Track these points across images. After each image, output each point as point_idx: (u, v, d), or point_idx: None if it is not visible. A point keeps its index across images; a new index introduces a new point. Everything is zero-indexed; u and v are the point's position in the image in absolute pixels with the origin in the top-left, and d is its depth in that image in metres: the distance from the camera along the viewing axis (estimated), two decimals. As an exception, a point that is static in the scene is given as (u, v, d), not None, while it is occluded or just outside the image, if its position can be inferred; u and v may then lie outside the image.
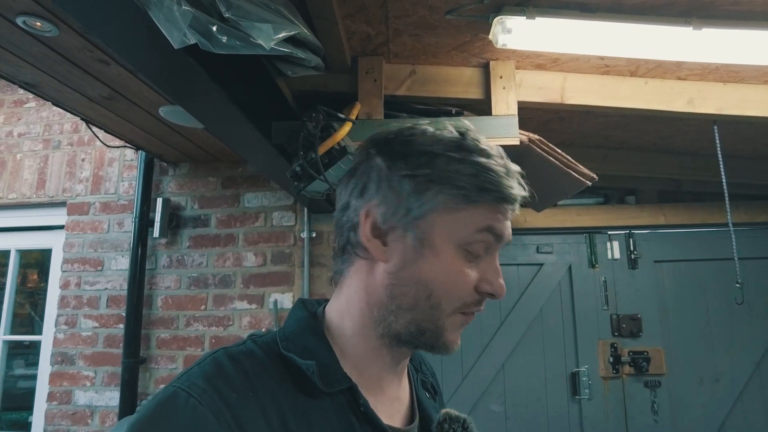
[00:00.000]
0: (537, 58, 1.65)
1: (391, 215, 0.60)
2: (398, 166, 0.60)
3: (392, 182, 0.60)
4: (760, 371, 2.60)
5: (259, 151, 1.51)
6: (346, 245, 0.65)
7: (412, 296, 0.60)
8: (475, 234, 0.59)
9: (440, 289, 0.59)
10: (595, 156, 2.47)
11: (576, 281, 2.74)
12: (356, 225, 0.62)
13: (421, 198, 0.59)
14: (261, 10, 0.99)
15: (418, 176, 0.59)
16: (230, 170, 2.68)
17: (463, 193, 0.58)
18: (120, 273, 2.63)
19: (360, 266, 0.64)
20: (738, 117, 1.74)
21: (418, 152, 0.60)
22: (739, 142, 2.23)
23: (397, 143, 0.63)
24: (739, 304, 1.98)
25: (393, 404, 0.68)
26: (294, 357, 0.59)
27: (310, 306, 0.69)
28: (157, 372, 2.52)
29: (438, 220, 0.59)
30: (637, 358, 2.58)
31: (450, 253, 0.59)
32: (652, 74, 1.69)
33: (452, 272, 0.59)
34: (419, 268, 0.59)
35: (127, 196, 2.70)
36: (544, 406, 2.63)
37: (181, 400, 0.51)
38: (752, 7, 1.33)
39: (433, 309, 0.60)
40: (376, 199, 0.61)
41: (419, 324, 0.60)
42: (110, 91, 1.76)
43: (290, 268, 2.57)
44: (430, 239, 0.59)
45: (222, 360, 0.57)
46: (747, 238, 2.62)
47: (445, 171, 0.58)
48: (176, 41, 0.81)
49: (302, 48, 1.12)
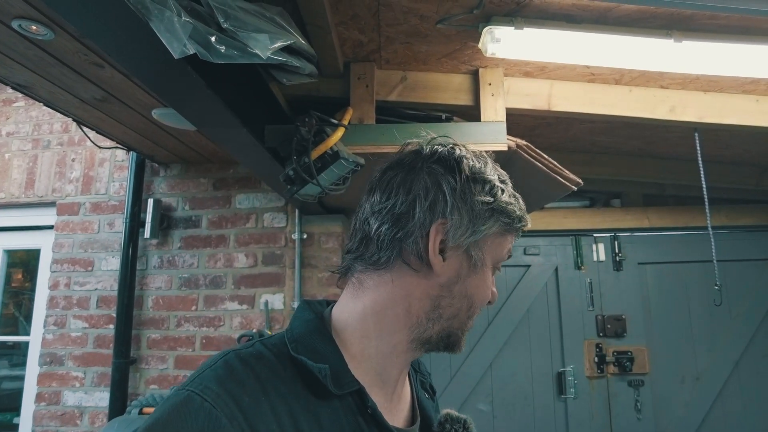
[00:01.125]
0: (525, 66, 1.70)
1: (460, 235, 0.64)
2: (469, 189, 0.65)
3: (465, 204, 0.64)
4: (739, 370, 2.68)
5: (252, 154, 1.53)
6: (396, 253, 0.64)
7: (457, 307, 0.66)
8: (503, 257, 0.69)
9: (479, 301, 0.67)
10: (581, 160, 2.53)
11: (562, 282, 2.80)
12: (420, 238, 0.63)
13: (486, 223, 0.65)
14: (257, 19, 1.01)
15: (486, 203, 0.65)
16: (222, 171, 2.69)
17: (509, 223, 0.67)
18: (110, 273, 2.63)
19: (405, 274, 0.64)
20: (717, 125, 1.80)
21: (483, 180, 0.66)
22: (719, 149, 2.30)
23: (466, 166, 0.66)
24: (717, 306, 2.04)
25: (397, 405, 0.71)
26: (305, 360, 0.60)
27: (315, 307, 0.70)
28: (147, 372, 2.53)
29: (488, 244, 0.66)
30: (622, 358, 2.64)
31: (489, 272, 0.68)
32: (636, 83, 1.74)
33: (488, 287, 0.68)
34: (468, 284, 0.65)
35: (118, 196, 2.70)
36: (530, 405, 2.68)
37: (195, 404, 0.52)
38: (729, 22, 1.39)
39: (468, 318, 0.67)
40: (449, 218, 0.63)
41: (451, 329, 0.67)
42: (103, 93, 1.77)
43: (281, 269, 2.59)
44: (481, 260, 0.66)
45: (233, 363, 0.57)
46: (727, 240, 2.69)
47: (503, 202, 0.66)
48: (176, 52, 0.83)
49: (297, 56, 1.15)
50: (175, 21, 0.82)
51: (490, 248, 0.66)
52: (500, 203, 0.65)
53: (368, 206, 0.67)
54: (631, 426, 2.61)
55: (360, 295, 0.66)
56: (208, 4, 0.93)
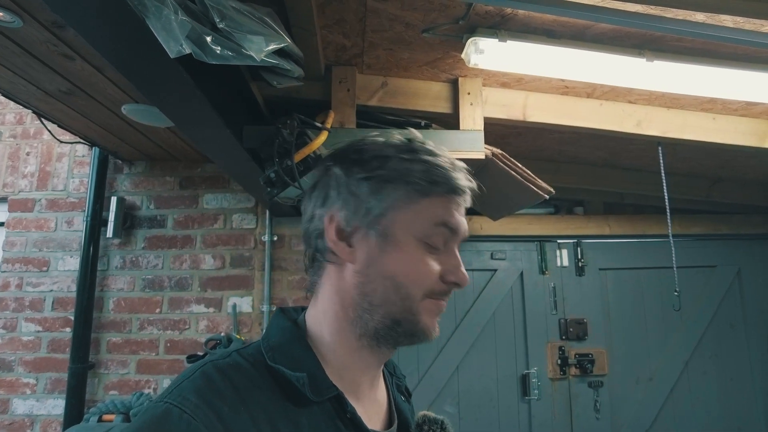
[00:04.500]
0: (502, 77, 1.74)
1: (353, 217, 0.63)
2: (354, 171, 0.64)
3: (350, 186, 0.64)
4: (688, 370, 2.84)
5: (231, 155, 1.50)
6: (315, 254, 0.68)
7: (382, 291, 0.62)
8: (433, 227, 0.63)
9: (406, 280, 0.62)
10: (548, 169, 2.61)
11: (527, 287, 2.88)
12: (322, 231, 0.65)
13: (379, 196, 0.63)
14: (249, 20, 1.00)
15: (374, 177, 0.63)
16: (189, 170, 2.62)
17: (416, 188, 0.63)
18: (68, 274, 2.51)
19: (330, 271, 0.66)
20: (678, 140, 1.91)
21: (372, 157, 0.65)
22: (676, 161, 2.43)
23: (351, 152, 0.67)
24: (676, 311, 2.16)
25: (373, 407, 0.71)
26: (283, 369, 0.60)
27: (291, 314, 0.71)
28: (107, 377, 2.43)
29: (397, 216, 0.63)
30: (583, 360, 2.74)
31: (411, 245, 0.63)
32: (607, 97, 1.82)
33: (415, 262, 0.63)
34: (385, 263, 0.62)
35: (78, 193, 2.58)
36: (495, 406, 2.74)
37: (175, 416, 0.51)
38: (693, 45, 1.48)
39: (404, 300, 0.62)
40: (337, 204, 0.64)
41: (394, 316, 0.63)
42: (70, 86, 1.70)
43: (250, 272, 2.54)
44: (391, 234, 0.62)
45: (211, 374, 0.57)
46: (679, 248, 2.82)
47: (398, 170, 0.63)
48: (173, 51, 0.81)
49: (287, 59, 1.14)
50: (172, 19, 0.80)
51: (402, 221, 0.62)
52: (393, 172, 0.63)
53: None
54: (590, 425, 2.72)
55: (315, 300, 0.69)
56: (203, 2, 0.91)
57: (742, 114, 1.92)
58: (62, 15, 0.76)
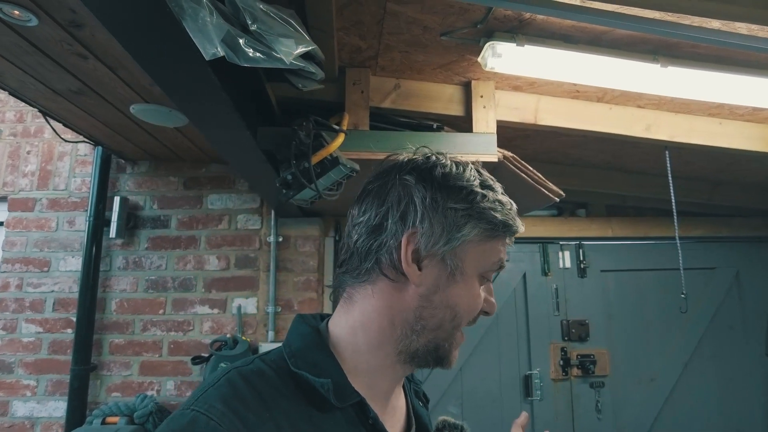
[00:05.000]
0: (515, 81, 1.75)
1: (433, 244, 0.63)
2: (441, 197, 0.64)
3: (436, 213, 0.63)
4: (688, 371, 2.87)
5: (246, 156, 1.49)
6: (373, 265, 0.65)
7: (440, 318, 0.64)
8: (492, 265, 0.67)
9: (463, 312, 0.65)
10: (552, 171, 2.62)
11: (530, 288, 2.89)
12: (393, 248, 0.64)
13: (461, 230, 0.64)
14: (277, 23, 0.99)
15: (459, 210, 0.64)
16: (193, 170, 2.60)
17: (492, 228, 0.65)
18: (69, 274, 2.47)
19: (385, 286, 0.65)
20: (685, 144, 1.93)
21: (457, 186, 0.65)
22: (679, 165, 2.46)
23: (435, 173, 0.66)
24: (683, 313, 2.18)
25: (394, 414, 0.72)
26: (307, 375, 0.61)
27: (311, 321, 0.70)
28: (109, 379, 2.40)
29: (470, 251, 0.65)
30: (585, 361, 2.77)
31: (474, 280, 0.66)
32: (617, 101, 1.84)
33: (475, 296, 0.66)
34: (450, 293, 0.64)
35: (80, 193, 2.55)
36: (498, 407, 2.75)
37: (201, 424, 0.52)
38: (707, 51, 1.50)
39: (454, 329, 0.65)
40: (420, 227, 0.63)
41: (438, 342, 0.65)
42: (80, 85, 1.67)
43: (255, 273, 2.53)
44: (462, 267, 0.64)
45: (236, 381, 0.58)
46: (681, 250, 2.87)
47: (481, 209, 0.64)
48: (208, 53, 0.80)
49: (311, 62, 1.13)
50: (208, 21, 0.79)
51: (473, 256, 0.65)
52: (477, 209, 0.64)
53: (350, 219, 0.69)
54: (592, 426, 2.74)
55: (350, 309, 0.68)
56: (234, 4, 0.91)
57: (747, 119, 1.94)
58: (98, 16, 0.75)
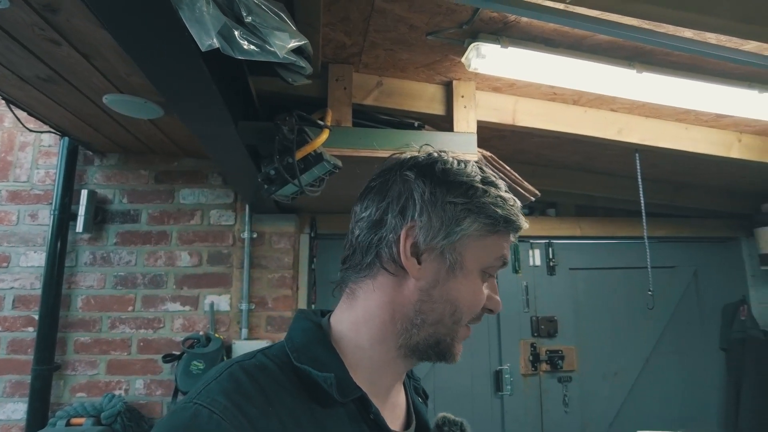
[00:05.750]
0: (495, 82, 1.78)
1: (432, 238, 0.64)
2: (441, 192, 0.65)
3: (436, 207, 0.64)
4: (649, 365, 3.00)
5: (229, 151, 1.46)
6: (374, 259, 0.66)
7: (440, 312, 0.65)
8: (494, 261, 0.67)
9: (464, 307, 0.66)
10: (525, 172, 2.66)
11: (501, 285, 2.89)
12: (393, 242, 0.65)
13: (461, 225, 0.64)
14: (269, 16, 0.98)
15: (459, 204, 0.64)
16: (165, 164, 2.53)
17: (493, 223, 0.65)
18: (31, 270, 2.37)
19: (385, 281, 0.66)
20: (654, 147, 2.02)
21: (459, 182, 0.66)
22: (646, 168, 2.55)
23: (436, 168, 0.67)
24: (650, 309, 2.28)
25: (394, 410, 0.72)
26: (309, 369, 0.61)
27: (312, 317, 0.71)
28: (74, 379, 2.31)
29: (470, 246, 0.65)
30: (553, 356, 2.85)
31: (475, 275, 0.66)
32: (591, 104, 1.90)
33: (476, 292, 0.66)
34: (450, 287, 0.65)
35: (43, 185, 2.44)
36: (470, 402, 2.80)
37: (204, 418, 0.51)
38: (679, 59, 1.57)
39: (454, 324, 0.66)
40: (418, 220, 0.64)
41: (438, 337, 0.66)
42: (51, 73, 1.60)
43: (228, 270, 2.49)
44: (462, 262, 0.65)
45: (239, 375, 0.57)
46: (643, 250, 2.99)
47: (480, 202, 0.65)
48: (204, 44, 0.78)
49: (301, 56, 1.12)
50: (204, 12, 0.78)
51: (473, 251, 0.65)
52: (477, 203, 0.65)
53: (353, 216, 0.70)
54: (559, 419, 2.83)
55: (353, 304, 0.68)
56: (228, -5, 0.89)
57: (711, 125, 2.04)
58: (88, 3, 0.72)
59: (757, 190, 2.89)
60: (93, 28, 1.29)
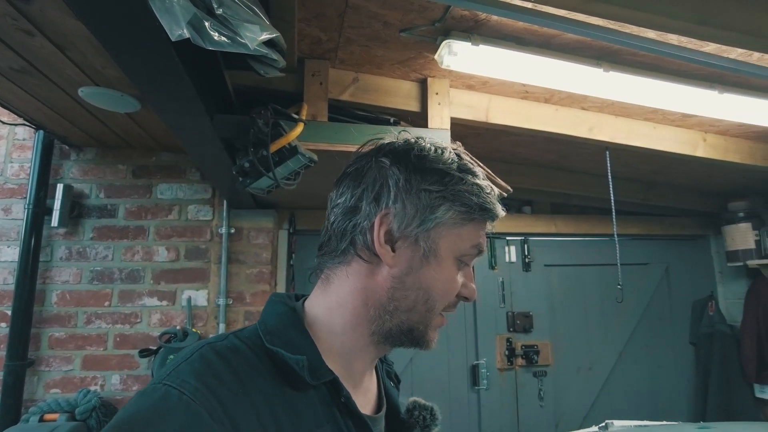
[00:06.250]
0: (469, 80, 1.82)
1: (406, 225, 0.64)
2: (416, 179, 0.65)
3: (410, 194, 0.64)
4: (622, 359, 3.07)
5: (205, 144, 1.47)
6: (348, 246, 0.67)
7: (412, 299, 0.65)
8: (469, 249, 0.67)
9: (437, 295, 0.66)
10: (501, 170, 2.73)
11: (478, 281, 2.95)
12: (367, 230, 0.65)
13: (435, 213, 0.65)
14: (242, 9, 1.00)
15: (433, 192, 0.65)
16: (143, 158, 2.52)
17: (468, 211, 0.66)
18: (4, 265, 2.34)
19: (359, 267, 0.66)
20: (624, 146, 2.08)
21: (433, 169, 0.66)
22: (618, 166, 2.62)
23: (411, 155, 0.67)
24: (619, 302, 2.34)
25: (366, 394, 0.73)
26: (282, 352, 0.60)
27: (286, 300, 0.70)
28: (48, 375, 2.29)
29: (444, 234, 0.65)
30: (529, 351, 2.90)
31: (449, 263, 0.66)
32: (563, 103, 1.95)
33: (450, 280, 0.67)
34: (423, 275, 0.65)
35: (17, 179, 2.41)
36: (447, 396, 2.84)
37: (174, 399, 0.51)
38: (645, 59, 1.62)
39: (428, 311, 0.66)
40: (392, 208, 0.64)
41: (411, 324, 0.66)
42: (24, 64, 1.59)
43: (206, 265, 2.49)
44: (436, 250, 0.65)
45: (209, 356, 0.57)
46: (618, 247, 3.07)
47: (456, 190, 0.65)
48: (174, 35, 0.80)
49: (273, 49, 1.14)
50: (175, 3, 0.79)
51: (448, 239, 0.65)
52: (452, 191, 0.64)
53: (329, 202, 0.70)
54: (534, 413, 2.88)
55: (327, 290, 0.69)
56: (199, -13, 0.91)
57: (678, 125, 2.11)
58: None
59: (724, 189, 2.99)
60: (66, 18, 1.29)
